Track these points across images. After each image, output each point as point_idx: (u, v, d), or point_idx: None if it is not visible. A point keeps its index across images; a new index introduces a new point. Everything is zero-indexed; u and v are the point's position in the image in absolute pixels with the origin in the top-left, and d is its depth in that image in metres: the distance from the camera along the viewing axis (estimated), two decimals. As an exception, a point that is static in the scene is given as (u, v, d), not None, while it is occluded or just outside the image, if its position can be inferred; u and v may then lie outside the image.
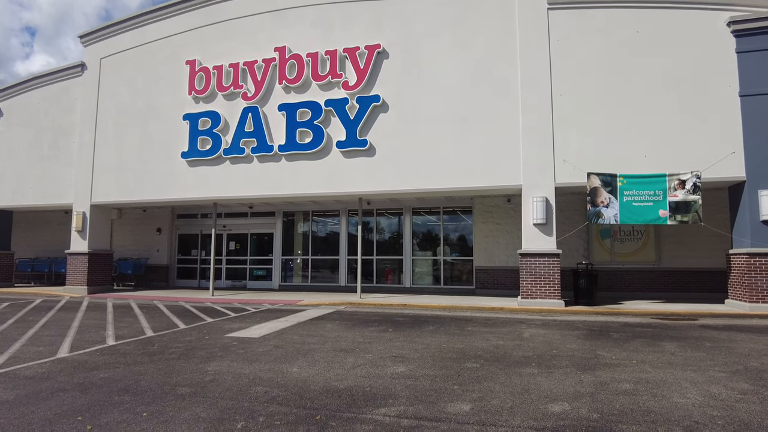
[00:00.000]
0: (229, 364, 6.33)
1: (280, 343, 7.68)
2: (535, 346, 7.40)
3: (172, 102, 15.83)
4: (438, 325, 9.49)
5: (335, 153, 13.78)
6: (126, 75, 16.60)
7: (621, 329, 9.00)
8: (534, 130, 12.32)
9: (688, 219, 11.07)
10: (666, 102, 11.68)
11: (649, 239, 14.34)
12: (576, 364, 6.26)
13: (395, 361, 6.44)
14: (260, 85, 14.67)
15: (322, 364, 6.25)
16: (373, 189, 13.50)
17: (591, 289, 12.24)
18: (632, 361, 6.41)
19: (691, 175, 11.15)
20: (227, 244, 18.81)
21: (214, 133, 15.06)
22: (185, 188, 15.42)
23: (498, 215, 15.56)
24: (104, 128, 16.66)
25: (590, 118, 12.08)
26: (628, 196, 11.55)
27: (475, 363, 6.31)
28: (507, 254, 15.30)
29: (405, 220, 16.70)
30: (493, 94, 12.75)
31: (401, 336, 8.31)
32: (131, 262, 18.61)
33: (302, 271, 17.83)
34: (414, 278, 16.49)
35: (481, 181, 12.67)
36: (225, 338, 8.21)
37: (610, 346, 7.43)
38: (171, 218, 19.59)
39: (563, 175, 12.14)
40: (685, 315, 10.76)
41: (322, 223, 18.04)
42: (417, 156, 13.16)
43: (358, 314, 11.24)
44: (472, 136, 12.80)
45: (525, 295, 12.09)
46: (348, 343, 7.71)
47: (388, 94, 13.50)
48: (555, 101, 12.31)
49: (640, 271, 14.34)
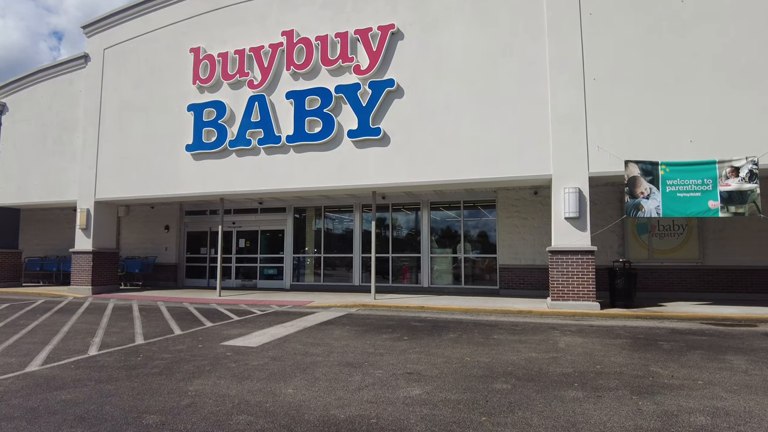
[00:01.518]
0: (215, 382, 5.41)
1: (279, 354, 6.74)
2: (575, 360, 6.31)
3: (176, 92, 15.05)
4: (460, 332, 8.44)
5: (346, 143, 12.79)
6: (129, 66, 15.89)
7: (670, 337, 7.83)
8: (565, 114, 11.14)
9: (743, 210, 9.77)
10: (715, 79, 10.37)
11: (692, 234, 13.01)
12: (628, 384, 5.16)
13: (410, 380, 5.43)
14: (267, 72, 13.76)
15: (323, 384, 5.27)
16: (388, 181, 12.47)
17: (629, 289, 11.04)
18: (697, 381, 5.28)
19: (746, 161, 9.85)
20: (237, 242, 18.01)
21: (219, 124, 14.22)
22: (190, 183, 14.63)
23: (524, 209, 14.39)
24: (108, 122, 15.99)
25: (627, 100, 10.84)
26: (671, 186, 10.29)
27: (506, 383, 5.26)
28: (534, 251, 14.13)
29: (422, 216, 15.65)
30: (519, 75, 11.60)
31: (418, 346, 7.29)
32: (139, 261, 17.97)
33: (314, 270, 16.92)
34: (432, 277, 15.43)
35: (505, 171, 11.54)
36: (219, 347, 7.31)
37: (664, 359, 6.29)
38: (179, 215, 18.88)
39: (598, 163, 10.94)
40: (740, 320, 9.50)
41: (335, 219, 17.11)
42: (435, 145, 12.09)
43: (371, 318, 10.26)
44: (496, 122, 11.67)
45: (556, 296, 10.94)
46: (356, 354, 6.72)
47: (403, 79, 12.44)
48: (587, 81, 11.10)
49: (681, 269, 13.03)
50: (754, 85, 10.14)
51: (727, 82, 10.30)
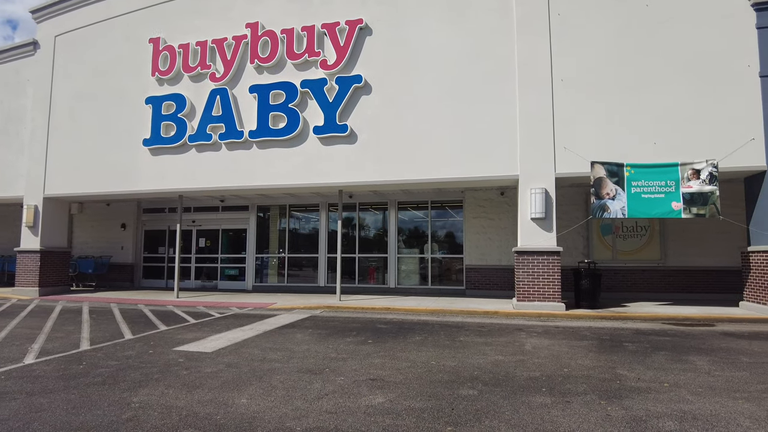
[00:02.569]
0: (162, 391, 5.00)
1: (235, 361, 6.35)
2: (542, 363, 6.18)
3: (134, 84, 14.33)
4: (426, 334, 8.23)
5: (312, 140, 12.42)
6: (83, 55, 15.04)
7: (635, 338, 7.82)
8: (533, 114, 11.10)
9: (704, 212, 9.94)
10: (678, 84, 10.53)
11: (654, 236, 13.24)
12: (596, 388, 5.04)
13: (373, 387, 5.15)
14: (230, 65, 13.24)
15: (280, 393, 4.94)
16: (355, 180, 12.18)
17: (594, 290, 11.09)
18: (663, 384, 5.21)
19: (706, 164, 10.03)
20: (197, 241, 17.33)
21: (178, 118, 13.60)
22: (147, 179, 13.94)
23: (491, 210, 14.35)
24: (59, 113, 15.09)
25: (594, 102, 10.90)
26: (636, 187, 10.39)
27: (472, 389, 5.06)
28: (500, 252, 14.10)
29: (390, 215, 15.41)
30: (489, 75, 11.50)
31: (382, 349, 7.03)
32: (92, 261, 17.06)
33: (278, 271, 16.44)
34: (399, 278, 15.22)
35: (474, 171, 11.42)
36: (171, 353, 6.86)
37: (630, 361, 6.23)
38: (137, 213, 18.05)
39: (564, 164, 10.95)
40: (699, 320, 9.64)
41: (300, 218, 16.67)
42: (403, 143, 11.87)
43: (335, 320, 9.94)
44: (465, 121, 11.54)
45: (521, 297, 10.89)
46: (317, 359, 6.40)
47: (371, 75, 12.17)
48: (556, 82, 11.10)
49: (643, 270, 13.23)
50: (715, 91, 10.34)
51: (690, 87, 10.46)
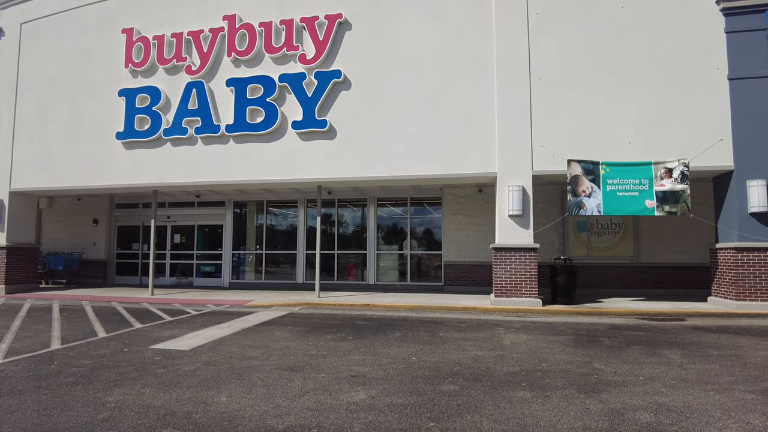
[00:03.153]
0: (139, 390, 4.88)
1: (213, 359, 6.25)
2: (521, 358, 6.26)
3: (106, 76, 13.93)
4: (406, 330, 8.25)
5: (291, 134, 12.29)
6: (52, 44, 14.54)
7: (610, 333, 8.00)
8: (511, 112, 11.22)
9: (676, 210, 10.21)
10: (652, 85, 10.77)
11: (628, 233, 13.55)
12: (574, 383, 5.13)
13: (354, 383, 5.14)
14: (206, 58, 12.98)
15: (260, 390, 4.88)
16: (333, 176, 12.11)
17: (570, 286, 11.29)
18: (638, 377, 5.34)
19: (678, 164, 10.30)
20: (171, 237, 16.98)
21: (153, 111, 13.28)
22: (121, 174, 13.59)
23: (469, 207, 14.46)
24: (26, 104, 14.57)
25: (571, 101, 11.06)
26: (612, 185, 10.61)
27: (453, 384, 5.09)
28: (478, 248, 14.23)
29: (369, 212, 15.39)
30: (468, 72, 11.57)
31: (363, 346, 7.01)
32: (62, 257, 16.56)
33: (255, 268, 16.26)
34: (379, 274, 15.22)
35: (452, 168, 11.49)
36: (148, 351, 6.71)
37: (606, 356, 6.36)
38: (109, 208, 17.59)
39: (542, 162, 11.10)
40: (671, 315, 9.92)
41: (278, 214, 16.51)
42: (382, 139, 11.85)
43: (315, 317, 9.88)
44: (445, 118, 11.59)
45: (499, 293, 11.01)
46: (298, 357, 6.35)
47: (350, 70, 12.10)
48: (533, 81, 11.23)
49: (617, 266, 13.54)
50: (686, 92, 10.63)
51: (663, 88, 10.72)
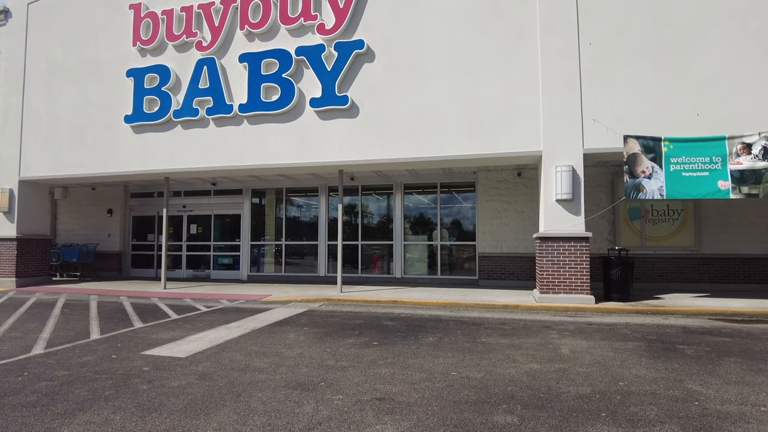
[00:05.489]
0: (107, 417, 3.84)
1: (210, 370, 5.19)
2: (589, 373, 4.99)
3: (115, 56, 13.05)
4: (441, 334, 7.04)
5: (309, 113, 11.15)
6: (59, 25, 13.74)
7: (687, 339, 6.63)
8: (557, 83, 9.81)
9: (758, 192, 8.65)
10: (725, 44, 9.20)
11: (688, 220, 11.97)
12: (672, 414, 3.84)
13: (380, 410, 3.97)
14: (218, 32, 11.94)
15: (259, 420, 3.77)
16: (356, 158, 10.93)
17: (626, 281, 9.87)
18: (760, 408, 4.01)
19: (759, 137, 8.72)
20: (188, 228, 16.15)
21: (162, 91, 12.34)
22: (130, 160, 12.73)
23: (506, 192, 13.09)
24: (34, 89, 13.85)
25: (627, 68, 9.58)
26: (676, 165, 9.11)
27: (510, 413, 3.87)
28: (516, 238, 12.88)
29: (395, 199, 14.18)
30: (506, 39, 10.19)
31: (390, 354, 5.84)
32: (76, 249, 15.93)
33: (275, 260, 15.27)
34: (406, 267, 14.03)
35: (490, 146, 10.16)
36: (138, 359, 5.70)
37: (697, 371, 5.03)
38: (124, 197, 16.87)
39: (593, 139, 9.68)
40: (752, 315, 8.43)
41: (298, 203, 15.46)
42: (409, 116, 10.60)
43: (336, 315, 8.77)
44: (480, 91, 10.26)
45: (545, 288, 9.69)
46: (311, 369, 5.23)
47: (374, 40, 10.86)
48: (583, 47, 9.78)
49: (675, 258, 11.99)
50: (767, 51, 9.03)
51: (739, 47, 9.13)
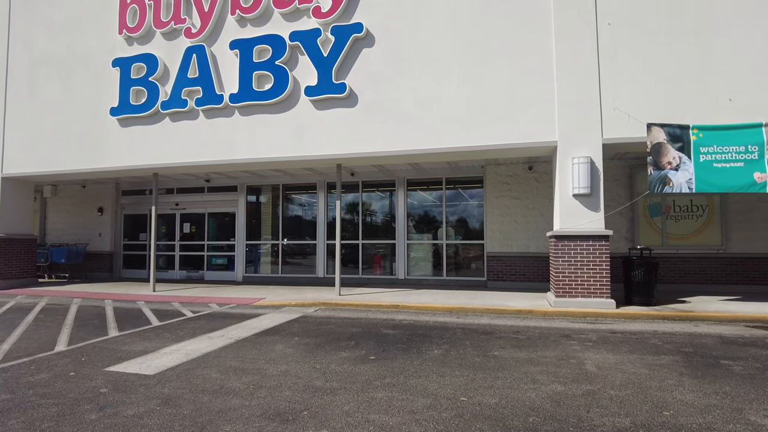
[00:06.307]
0: (34, 461, 3.07)
1: (177, 392, 4.42)
2: (623, 398, 4.18)
3: (100, 45, 12.33)
4: (447, 345, 6.24)
5: (304, 103, 10.37)
6: (43, 14, 13.04)
7: (729, 352, 5.79)
8: (573, 67, 8.97)
9: (801, 185, 7.82)
10: (761, 19, 8.33)
11: (713, 216, 11.10)
12: (740, 458, 3.04)
13: (371, 454, 3.19)
14: (208, 18, 11.18)
15: (218, 468, 2.99)
16: (355, 151, 10.13)
17: (649, 283, 9.02)
18: None
19: (800, 124, 7.87)
20: (180, 227, 15.43)
21: (150, 82, 11.59)
22: (116, 154, 12.00)
23: (516, 187, 12.26)
24: (17, 82, 13.16)
25: (649, 50, 8.73)
26: (706, 155, 8.26)
27: (536, 459, 3.07)
28: (527, 237, 12.05)
29: (398, 195, 13.38)
30: (517, 20, 9.36)
31: (389, 372, 5.05)
32: (65, 249, 15.24)
33: (271, 260, 14.51)
34: (409, 267, 13.23)
35: (499, 137, 9.34)
36: (99, 377, 4.95)
37: (755, 396, 4.21)
38: (115, 195, 16.17)
39: (613, 127, 8.84)
40: (793, 321, 7.58)
41: (295, 200, 14.69)
42: (412, 105, 9.80)
43: (331, 322, 7.99)
44: (488, 77, 9.43)
45: (560, 292, 8.86)
46: (296, 391, 4.44)
47: (373, 23, 10.06)
48: (601, 27, 8.94)
49: (699, 257, 11.13)
50: (809, 29, 8.16)
51: (775, 25, 8.27)
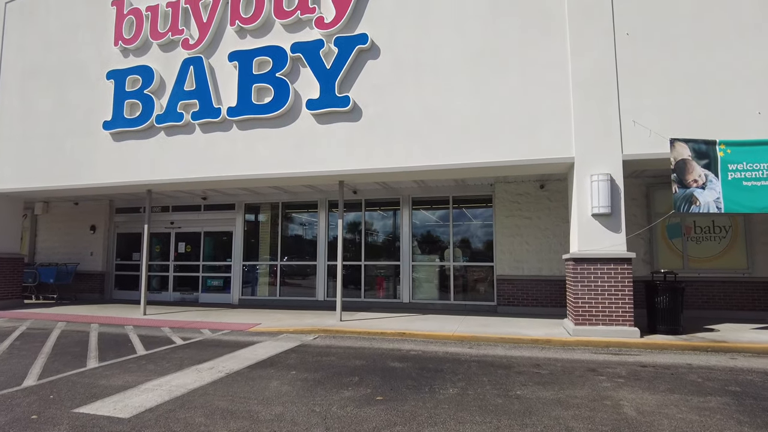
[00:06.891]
0: None
1: (150, 445, 3.76)
2: (680, 455, 3.52)
3: (95, 56, 11.91)
4: (463, 383, 5.57)
5: (305, 117, 9.86)
6: (38, 24, 12.67)
7: (782, 391, 5.13)
8: (590, 80, 8.48)
9: (842, 205, 7.23)
10: (791, 33, 7.87)
11: (737, 238, 10.49)
12: None
13: None
14: (206, 29, 10.75)
15: None
16: (358, 167, 9.57)
17: (675, 309, 8.37)
18: None
19: (838, 139, 7.34)
20: (175, 246, 14.82)
21: (145, 94, 11.13)
22: (109, 170, 11.46)
23: (527, 207, 11.68)
24: (9, 94, 12.73)
25: (671, 61, 8.25)
26: (735, 172, 7.71)
27: None
28: (539, 259, 11.43)
29: (403, 215, 12.80)
30: (529, 30, 8.90)
31: (399, 417, 4.38)
32: (53, 269, 14.59)
33: (269, 281, 13.86)
34: (414, 290, 12.57)
35: (511, 153, 8.79)
36: (66, 420, 4.29)
37: (834, 452, 3.55)
38: (108, 213, 15.59)
39: (633, 143, 8.30)
40: (839, 354, 6.91)
41: (296, 219, 14.11)
42: (418, 119, 9.29)
43: (332, 353, 7.31)
44: (499, 90, 8.94)
45: (580, 319, 8.20)
46: (290, 443, 3.79)
47: (378, 34, 9.61)
48: (619, 37, 8.47)
49: (723, 282, 10.48)
50: (842, 39, 7.68)
51: (806, 36, 7.80)
